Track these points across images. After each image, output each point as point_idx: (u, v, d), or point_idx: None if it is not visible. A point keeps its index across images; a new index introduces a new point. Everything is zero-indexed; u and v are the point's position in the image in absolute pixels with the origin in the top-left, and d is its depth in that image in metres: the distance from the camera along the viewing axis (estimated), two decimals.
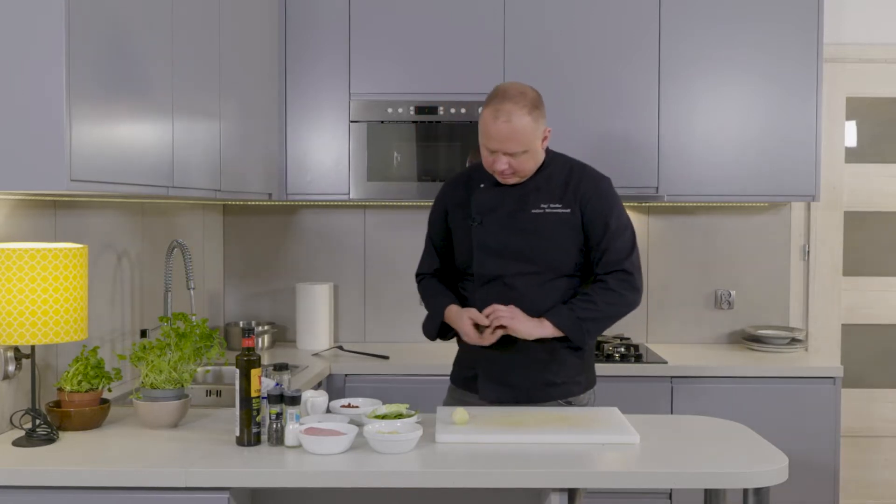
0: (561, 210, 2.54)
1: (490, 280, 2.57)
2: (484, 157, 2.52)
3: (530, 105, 2.45)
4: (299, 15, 3.70)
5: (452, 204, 2.66)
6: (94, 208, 2.84)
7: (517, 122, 2.43)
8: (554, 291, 2.55)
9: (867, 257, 4.11)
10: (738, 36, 3.66)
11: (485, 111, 2.47)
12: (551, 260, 2.55)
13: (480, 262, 2.57)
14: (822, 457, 3.44)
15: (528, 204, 2.55)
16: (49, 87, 2.03)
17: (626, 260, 2.54)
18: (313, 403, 2.39)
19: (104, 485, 2.03)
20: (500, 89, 2.49)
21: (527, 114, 2.44)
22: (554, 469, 2.07)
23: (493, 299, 2.54)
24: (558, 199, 2.55)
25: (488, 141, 2.46)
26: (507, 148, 2.45)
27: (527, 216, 2.55)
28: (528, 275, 2.54)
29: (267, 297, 4.10)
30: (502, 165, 2.48)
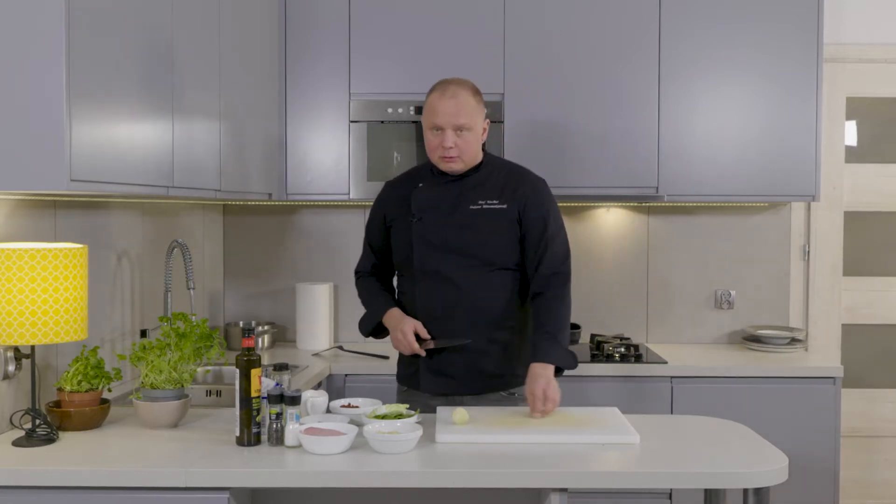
0: (498, 206, 2.63)
1: (430, 274, 2.64)
2: (429, 142, 2.62)
3: (473, 88, 2.63)
4: (299, 15, 3.70)
5: (391, 204, 2.75)
6: (94, 208, 2.84)
7: (464, 97, 2.58)
8: (492, 284, 2.64)
9: (867, 257, 4.11)
10: (738, 36, 3.66)
11: (430, 96, 2.62)
12: (489, 254, 2.63)
13: (420, 258, 2.64)
14: (822, 457, 3.44)
15: (465, 200, 2.65)
16: (49, 87, 2.03)
17: (565, 262, 2.65)
18: (313, 403, 2.39)
19: (104, 485, 2.03)
20: (441, 80, 2.66)
21: (470, 94, 2.60)
22: (554, 469, 2.07)
23: (434, 293, 2.63)
24: (496, 196, 2.64)
25: (435, 117, 2.57)
26: (456, 121, 2.56)
27: (464, 212, 2.63)
28: (467, 268, 2.62)
29: (267, 297, 4.10)
30: (450, 142, 2.57)
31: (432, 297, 2.64)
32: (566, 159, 3.65)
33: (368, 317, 2.78)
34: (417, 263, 2.65)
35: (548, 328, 2.56)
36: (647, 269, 4.03)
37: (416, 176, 2.76)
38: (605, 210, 4.03)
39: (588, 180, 3.66)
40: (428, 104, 2.62)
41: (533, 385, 2.46)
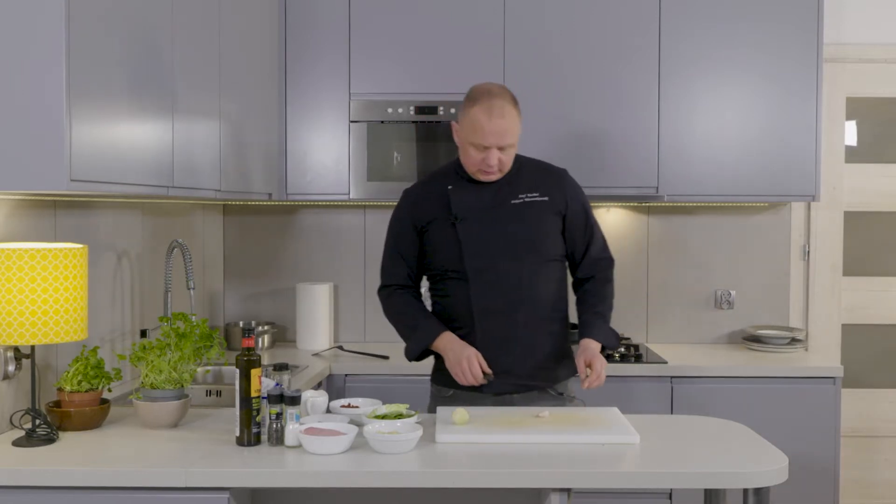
0: (539, 198, 2.63)
1: (483, 272, 2.60)
2: (471, 156, 2.56)
3: (514, 101, 2.57)
4: (299, 15, 3.70)
5: (423, 210, 2.66)
6: (94, 208, 2.84)
7: (510, 116, 2.52)
8: (544, 277, 2.64)
9: (867, 257, 4.11)
10: (738, 36, 3.66)
11: (473, 109, 2.52)
12: (538, 246, 2.62)
13: (471, 257, 2.60)
14: (822, 457, 3.44)
15: (506, 196, 2.62)
16: (49, 87, 2.03)
17: (607, 247, 2.76)
18: (313, 403, 2.39)
19: (104, 485, 2.03)
20: (482, 89, 2.56)
21: (514, 108, 2.55)
22: (554, 469, 2.07)
23: (491, 291, 2.59)
24: (535, 189, 2.64)
25: (483, 137, 2.51)
26: (502, 142, 2.52)
27: (508, 207, 2.62)
28: (520, 263, 2.60)
29: (267, 297, 4.10)
30: (494, 161, 2.53)
31: (489, 295, 2.59)
32: (566, 159, 3.62)
33: (417, 341, 2.66)
34: (469, 263, 2.59)
35: (598, 308, 2.67)
36: (647, 269, 4.03)
37: (443, 178, 2.69)
38: (606, 210, 4.03)
39: (588, 180, 3.63)
40: (472, 120, 2.52)
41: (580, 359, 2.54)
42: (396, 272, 2.74)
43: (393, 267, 2.74)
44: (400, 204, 2.74)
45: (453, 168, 2.69)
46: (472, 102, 2.54)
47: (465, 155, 2.59)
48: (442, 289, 2.69)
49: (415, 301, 2.73)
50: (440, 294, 2.70)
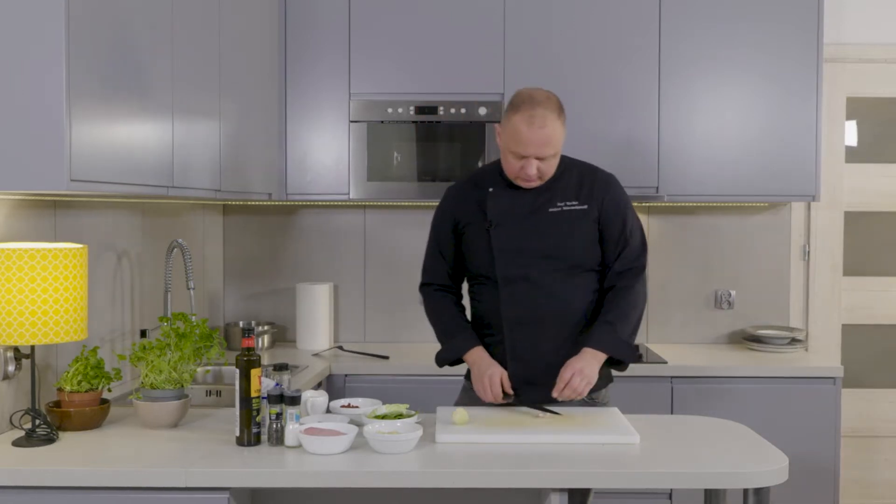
0: (578, 207, 2.57)
1: (514, 280, 2.56)
2: (510, 164, 2.51)
3: (558, 109, 2.48)
4: (299, 15, 3.70)
5: (462, 211, 2.63)
6: (94, 208, 2.84)
7: (551, 127, 2.44)
8: (578, 287, 2.58)
9: (867, 257, 4.11)
10: (738, 36, 3.66)
11: (515, 117, 2.45)
12: (574, 255, 2.57)
13: (503, 265, 2.56)
14: (822, 457, 3.44)
15: (544, 203, 2.57)
16: (49, 87, 2.03)
17: (640, 257, 2.62)
18: (313, 403, 2.39)
19: (104, 485, 2.03)
20: (526, 95, 2.48)
21: (557, 118, 2.46)
22: (554, 469, 2.07)
23: (519, 298, 2.55)
24: (574, 197, 2.58)
25: (523, 147, 2.45)
26: (542, 153, 2.46)
27: (544, 215, 2.56)
28: (552, 272, 2.55)
29: (267, 297, 4.10)
30: (533, 170, 2.47)
31: (519, 304, 2.55)
32: None
33: (448, 350, 2.65)
34: (500, 270, 2.56)
35: (608, 317, 2.54)
36: (648, 269, 4.02)
37: (484, 179, 2.64)
38: None
39: None
40: (512, 127, 2.45)
41: (564, 368, 2.47)
42: (436, 270, 2.70)
43: (433, 265, 2.71)
44: (441, 201, 2.71)
45: (497, 169, 2.63)
46: (515, 110, 2.46)
47: (505, 161, 2.53)
48: (477, 293, 2.67)
49: (451, 307, 2.69)
50: (475, 298, 2.68)
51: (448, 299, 2.70)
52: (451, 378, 3.26)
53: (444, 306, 2.70)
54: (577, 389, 2.44)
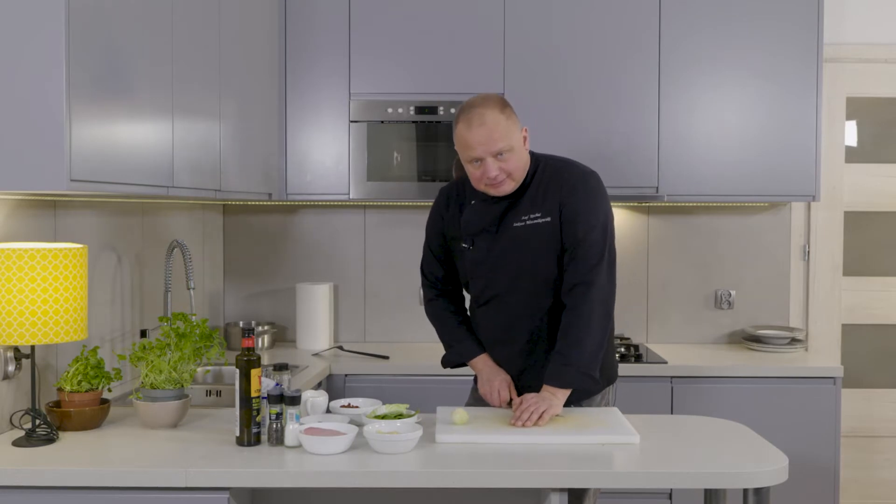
0: (541, 220, 2.47)
1: (488, 301, 2.57)
2: (472, 175, 2.45)
3: (500, 105, 2.42)
4: (299, 15, 3.70)
5: (448, 222, 2.62)
6: (94, 208, 2.84)
7: (491, 121, 2.38)
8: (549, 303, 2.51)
9: (867, 257, 4.11)
10: (738, 36, 3.66)
11: (458, 127, 2.42)
12: (543, 271, 2.48)
13: (476, 285, 2.58)
14: (822, 457, 3.44)
15: (510, 217, 2.50)
16: (49, 87, 2.03)
17: (597, 267, 2.44)
18: (313, 403, 2.39)
19: (104, 485, 2.03)
20: (465, 105, 2.45)
21: (499, 112, 2.40)
22: (554, 469, 2.07)
23: (492, 318, 2.57)
24: (538, 209, 2.47)
25: (470, 150, 2.39)
26: (491, 148, 2.38)
27: (510, 231, 2.49)
28: (522, 289, 2.51)
29: (267, 297, 4.10)
30: (493, 171, 2.40)
31: (493, 324, 2.57)
32: None
33: (453, 354, 2.66)
34: (473, 290, 2.60)
35: (560, 347, 2.42)
36: (647, 269, 4.03)
37: (469, 190, 2.57)
38: None
39: None
40: (458, 137, 2.42)
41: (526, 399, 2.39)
42: (433, 271, 2.69)
43: (430, 266, 2.70)
44: (434, 205, 2.68)
45: None
46: (456, 122, 2.43)
47: (469, 175, 2.47)
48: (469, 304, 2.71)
49: (453, 313, 2.68)
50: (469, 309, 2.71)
51: (449, 306, 2.69)
52: (451, 378, 3.27)
53: (447, 312, 2.69)
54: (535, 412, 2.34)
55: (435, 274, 2.69)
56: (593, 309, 2.42)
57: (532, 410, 2.34)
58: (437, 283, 2.69)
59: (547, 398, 2.39)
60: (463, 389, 2.86)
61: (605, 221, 2.49)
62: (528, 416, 2.33)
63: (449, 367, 2.70)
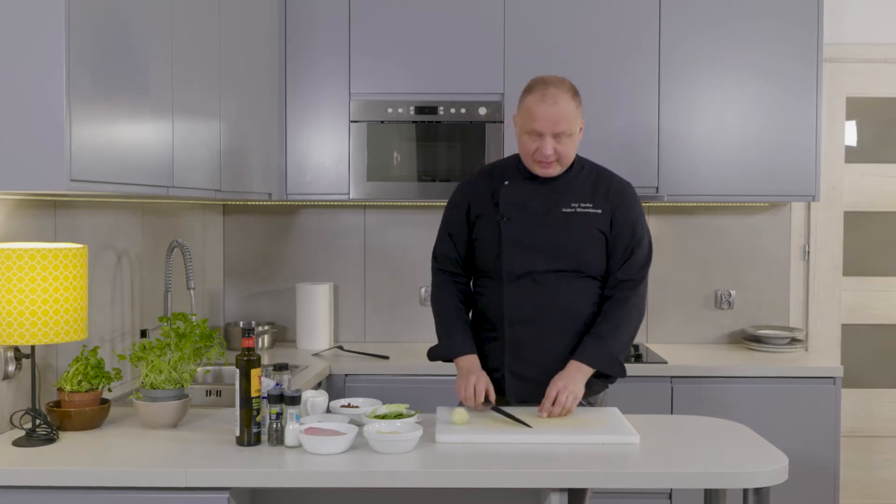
0: (592, 210, 2.56)
1: (519, 277, 2.56)
2: (526, 146, 2.51)
3: (572, 90, 2.52)
4: (299, 15, 3.70)
5: (477, 200, 2.63)
6: (94, 208, 2.84)
7: (564, 103, 2.46)
8: (581, 291, 2.57)
9: (867, 257, 4.11)
10: (738, 36, 3.66)
11: (528, 97, 2.50)
12: (580, 258, 2.55)
13: (510, 259, 2.55)
14: (822, 457, 3.44)
15: (558, 202, 2.56)
16: (49, 87, 2.03)
17: (643, 268, 2.60)
18: (313, 403, 2.39)
19: (104, 485, 2.03)
20: (538, 79, 2.53)
21: (571, 98, 2.49)
22: (554, 469, 2.07)
23: (523, 296, 2.55)
24: (588, 199, 2.57)
25: (535, 123, 2.46)
26: (556, 128, 2.45)
27: (558, 214, 2.55)
28: (558, 272, 2.54)
29: (267, 297, 4.10)
30: (549, 149, 2.47)
31: (521, 301, 2.55)
32: None
33: (442, 348, 2.65)
34: (507, 265, 2.55)
35: (599, 329, 2.53)
36: None
37: (502, 172, 2.64)
38: None
39: None
40: (525, 107, 2.50)
41: (550, 384, 2.46)
42: (447, 256, 2.68)
43: (444, 251, 2.69)
44: (456, 192, 2.71)
45: (514, 163, 2.63)
46: (527, 92, 2.52)
47: (522, 146, 2.54)
48: (481, 287, 2.66)
49: (458, 304, 2.67)
50: (479, 292, 2.67)
51: (456, 295, 2.68)
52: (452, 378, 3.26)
53: (451, 302, 2.67)
54: (565, 406, 2.43)
55: (449, 256, 2.68)
56: (636, 304, 2.57)
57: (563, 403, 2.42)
58: (448, 265, 2.68)
59: (572, 382, 2.45)
60: None
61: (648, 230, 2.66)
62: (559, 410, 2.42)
63: (434, 360, 2.68)
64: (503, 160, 2.73)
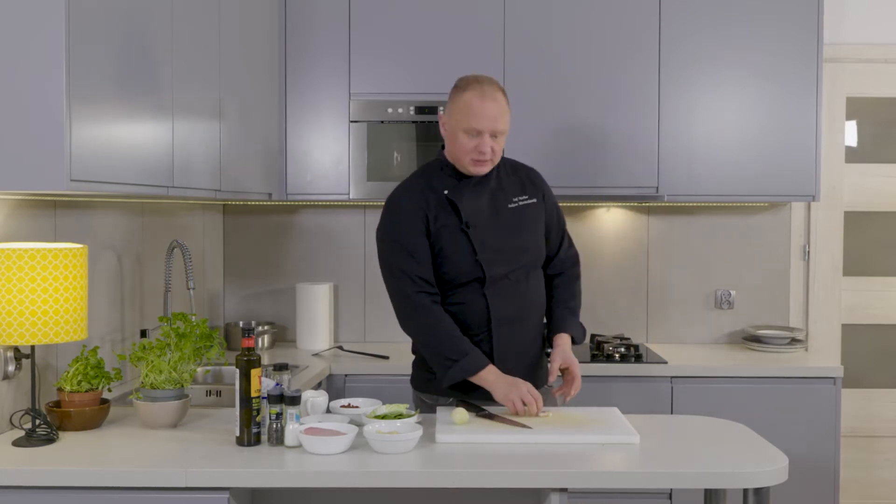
0: (529, 201, 2.64)
1: (498, 280, 2.56)
2: (462, 144, 2.49)
3: (503, 89, 2.56)
4: (299, 15, 3.70)
5: (434, 212, 2.53)
6: (94, 208, 2.84)
7: (501, 101, 2.51)
8: (540, 283, 2.69)
9: (867, 257, 4.11)
10: (738, 36, 3.66)
11: (465, 94, 2.50)
12: (539, 251, 2.65)
13: (488, 264, 2.54)
14: (822, 457, 3.44)
15: (500, 200, 2.61)
16: (49, 87, 2.03)
17: (573, 243, 2.78)
18: (313, 403, 2.39)
19: (104, 485, 2.03)
20: (470, 77, 2.55)
21: (503, 95, 2.54)
22: (554, 469, 2.07)
23: (504, 297, 2.56)
24: (522, 192, 2.64)
25: (476, 120, 2.46)
26: (496, 126, 2.48)
27: (507, 212, 2.60)
28: (523, 267, 2.61)
29: (267, 297, 4.10)
30: (487, 147, 2.48)
31: (504, 302, 2.55)
32: (566, 159, 3.65)
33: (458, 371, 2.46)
34: (488, 270, 2.53)
35: (570, 304, 2.67)
36: (647, 269, 4.03)
37: (434, 180, 2.58)
38: (605, 210, 4.03)
39: (588, 180, 3.66)
40: (463, 105, 2.48)
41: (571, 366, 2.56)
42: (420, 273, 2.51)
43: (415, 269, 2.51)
44: (402, 206, 2.56)
45: (437, 168, 2.59)
46: (462, 89, 2.51)
47: (456, 144, 2.50)
48: (453, 296, 2.55)
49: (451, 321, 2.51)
50: (451, 302, 2.55)
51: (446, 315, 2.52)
52: None
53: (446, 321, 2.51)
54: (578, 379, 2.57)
55: (424, 277, 2.52)
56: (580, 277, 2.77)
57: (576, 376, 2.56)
58: (425, 286, 2.52)
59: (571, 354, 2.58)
60: None
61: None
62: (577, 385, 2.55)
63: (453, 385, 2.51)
64: (425, 167, 2.64)
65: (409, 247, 2.52)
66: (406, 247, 2.52)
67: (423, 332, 2.54)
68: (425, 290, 2.52)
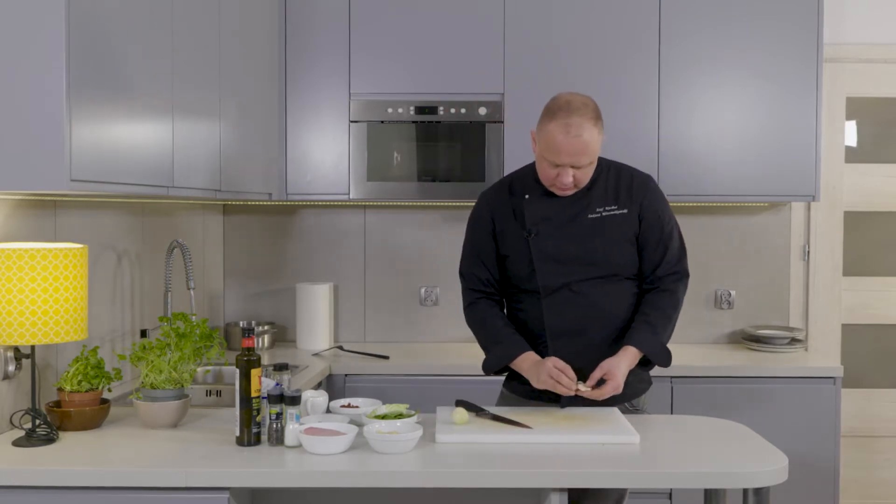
0: (617, 211, 2.53)
1: (556, 290, 2.51)
2: (544, 171, 2.46)
3: (595, 116, 2.43)
4: (299, 15, 3.70)
5: (500, 217, 2.57)
6: (94, 208, 2.84)
7: (588, 135, 2.38)
8: (620, 294, 2.54)
9: (867, 257, 4.11)
10: (738, 36, 3.65)
11: (550, 125, 2.40)
12: (615, 262, 2.52)
13: (543, 273, 2.51)
14: (822, 457, 3.44)
15: (583, 209, 2.52)
16: (49, 87, 2.03)
17: (683, 259, 2.59)
18: (313, 403, 2.39)
19: (104, 485, 2.03)
20: (563, 101, 2.43)
21: (594, 125, 2.41)
22: (554, 469, 2.07)
23: (562, 308, 2.51)
24: (612, 202, 2.53)
25: (557, 156, 2.40)
26: (577, 161, 2.40)
27: (584, 221, 2.51)
28: (593, 279, 2.51)
29: (267, 297, 4.10)
30: (569, 179, 2.42)
31: (561, 314, 2.50)
32: None
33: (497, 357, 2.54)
34: (542, 280, 2.50)
35: (649, 317, 2.49)
36: None
37: (521, 185, 2.58)
38: None
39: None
40: (548, 136, 2.40)
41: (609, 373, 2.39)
42: (477, 276, 2.60)
43: (473, 271, 2.61)
44: (476, 206, 2.64)
45: (532, 174, 2.57)
46: (551, 117, 2.41)
47: (541, 168, 2.48)
48: (516, 301, 2.60)
49: (499, 313, 2.60)
50: (514, 307, 2.61)
51: (493, 307, 2.60)
52: (452, 378, 3.28)
53: (490, 314, 2.59)
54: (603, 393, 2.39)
55: (479, 276, 2.60)
56: (681, 297, 2.57)
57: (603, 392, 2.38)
58: (480, 285, 2.60)
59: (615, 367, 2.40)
60: (462, 389, 2.86)
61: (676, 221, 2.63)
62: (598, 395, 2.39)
63: (491, 372, 2.58)
64: (521, 171, 2.65)
65: (476, 245, 2.62)
66: (473, 244, 2.63)
67: (472, 325, 2.64)
68: (477, 288, 2.61)
